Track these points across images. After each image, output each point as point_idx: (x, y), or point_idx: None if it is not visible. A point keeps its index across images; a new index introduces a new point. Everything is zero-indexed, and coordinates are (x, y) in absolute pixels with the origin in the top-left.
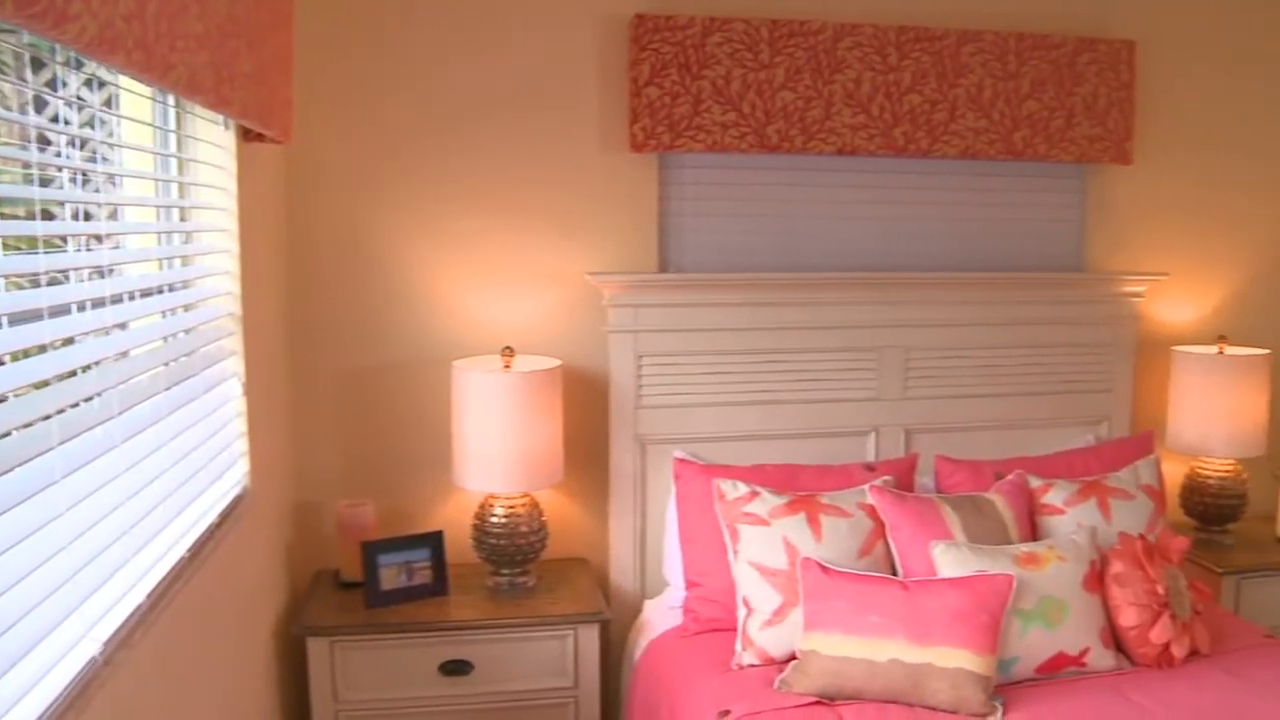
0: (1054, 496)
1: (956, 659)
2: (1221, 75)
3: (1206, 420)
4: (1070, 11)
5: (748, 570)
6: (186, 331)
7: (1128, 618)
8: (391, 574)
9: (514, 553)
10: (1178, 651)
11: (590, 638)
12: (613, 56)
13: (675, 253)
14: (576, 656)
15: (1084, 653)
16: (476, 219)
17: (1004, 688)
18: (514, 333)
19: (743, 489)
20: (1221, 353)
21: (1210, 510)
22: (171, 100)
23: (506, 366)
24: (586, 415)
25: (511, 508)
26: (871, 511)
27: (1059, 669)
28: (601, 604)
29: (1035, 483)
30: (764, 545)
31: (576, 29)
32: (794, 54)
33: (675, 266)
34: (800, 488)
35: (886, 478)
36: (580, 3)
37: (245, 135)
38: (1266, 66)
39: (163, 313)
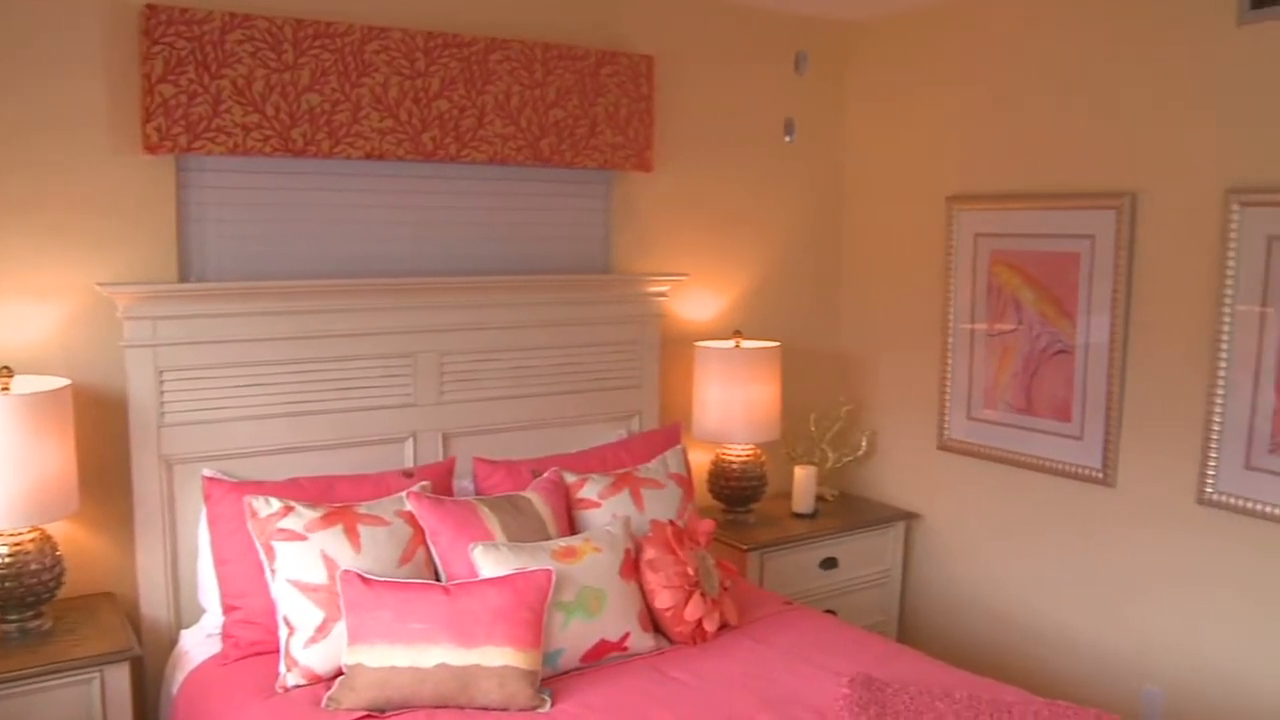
0: (589, 490)
1: (502, 657)
2: (728, 87)
3: (727, 410)
4: (594, 25)
5: (287, 588)
6: None
7: (663, 600)
8: None
9: (23, 594)
10: (709, 626)
11: (120, 678)
12: (123, 50)
13: (198, 260)
14: (104, 701)
15: (625, 637)
16: None
17: (551, 679)
18: (13, 352)
19: (276, 505)
20: (738, 346)
21: (734, 493)
22: None
23: (4, 389)
24: (103, 437)
25: (18, 545)
26: (410, 518)
27: (602, 656)
28: (131, 640)
29: (571, 478)
30: (302, 561)
31: (81, 19)
32: (320, 55)
33: (197, 275)
34: (337, 499)
35: (424, 483)
36: None
37: None
38: (765, 70)
39: None
